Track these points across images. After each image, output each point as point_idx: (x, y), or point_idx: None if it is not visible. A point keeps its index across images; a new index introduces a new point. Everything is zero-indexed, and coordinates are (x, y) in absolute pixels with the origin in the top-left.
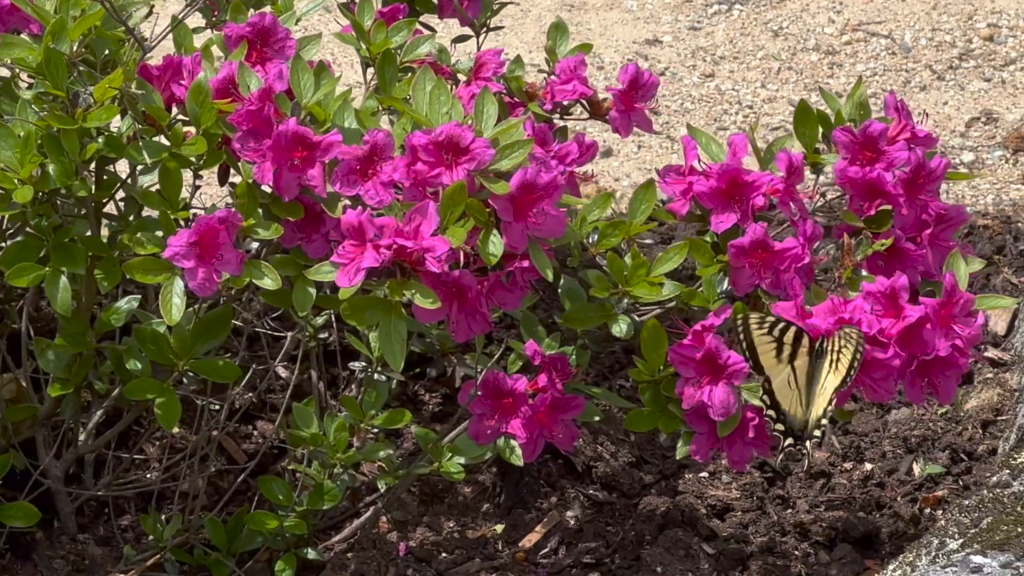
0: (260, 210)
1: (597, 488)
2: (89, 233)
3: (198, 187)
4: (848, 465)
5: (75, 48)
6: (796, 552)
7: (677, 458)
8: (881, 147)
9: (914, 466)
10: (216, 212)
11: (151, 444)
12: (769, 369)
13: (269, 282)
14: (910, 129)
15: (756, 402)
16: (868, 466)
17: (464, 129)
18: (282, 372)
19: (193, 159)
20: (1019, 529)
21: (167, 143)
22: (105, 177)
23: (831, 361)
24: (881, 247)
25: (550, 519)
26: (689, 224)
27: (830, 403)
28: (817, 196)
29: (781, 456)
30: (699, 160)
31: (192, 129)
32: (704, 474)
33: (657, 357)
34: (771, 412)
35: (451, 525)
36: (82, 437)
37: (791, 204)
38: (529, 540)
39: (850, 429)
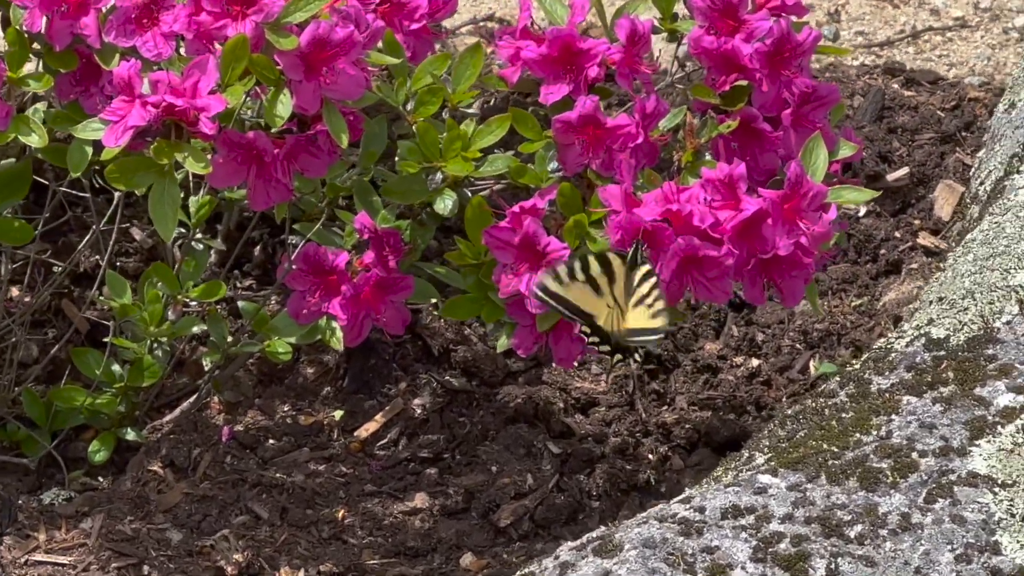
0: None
1: (456, 374)
2: None
3: None
4: (740, 359)
5: None
6: (650, 456)
7: (498, 351)
8: (742, 15)
9: (811, 364)
10: None
11: None
12: (598, 310)
13: (36, 139)
14: None
15: None
16: (755, 362)
17: None
18: (137, 234)
19: None
20: (824, 445)
21: None
22: None
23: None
24: (728, 128)
25: (393, 407)
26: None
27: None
28: (675, 68)
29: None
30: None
31: None
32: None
33: (482, 239)
34: (594, 338)
35: (285, 409)
36: None
37: (631, 76)
38: (367, 429)
39: (754, 320)
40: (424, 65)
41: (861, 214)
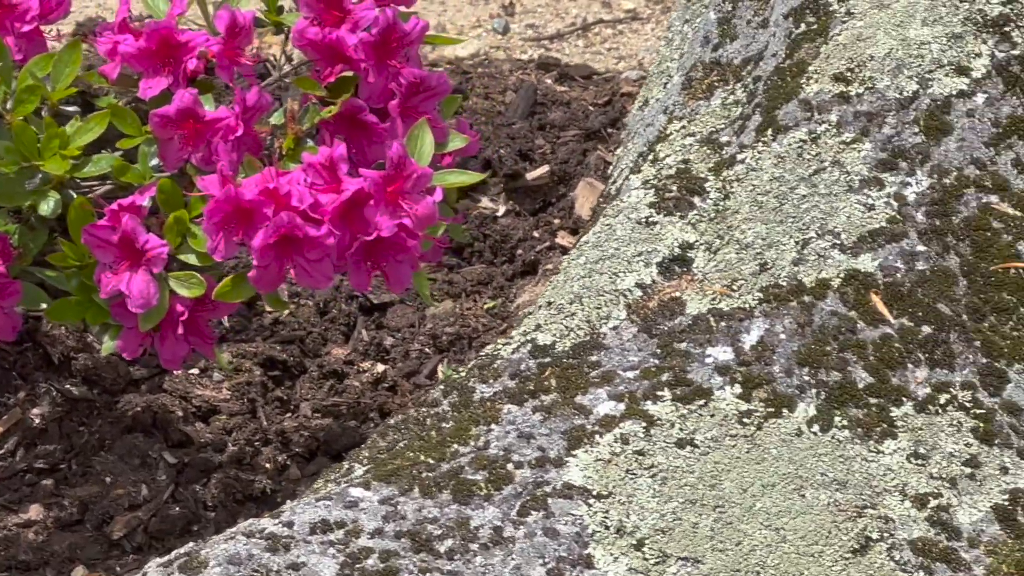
0: None
1: (76, 383)
2: None
3: None
4: (367, 364)
5: None
6: (268, 465)
7: (103, 354)
8: (347, 6)
9: (439, 368)
10: None
11: None
12: None
13: None
14: None
15: (186, 292)
16: (382, 367)
17: None
18: None
19: None
20: (421, 456)
21: None
22: None
23: None
24: (329, 114)
25: (11, 416)
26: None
27: None
28: (282, 60)
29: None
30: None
31: None
32: (195, 371)
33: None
34: None
35: None
36: None
37: (232, 68)
38: None
39: (384, 323)
40: (28, 66)
41: (500, 214)
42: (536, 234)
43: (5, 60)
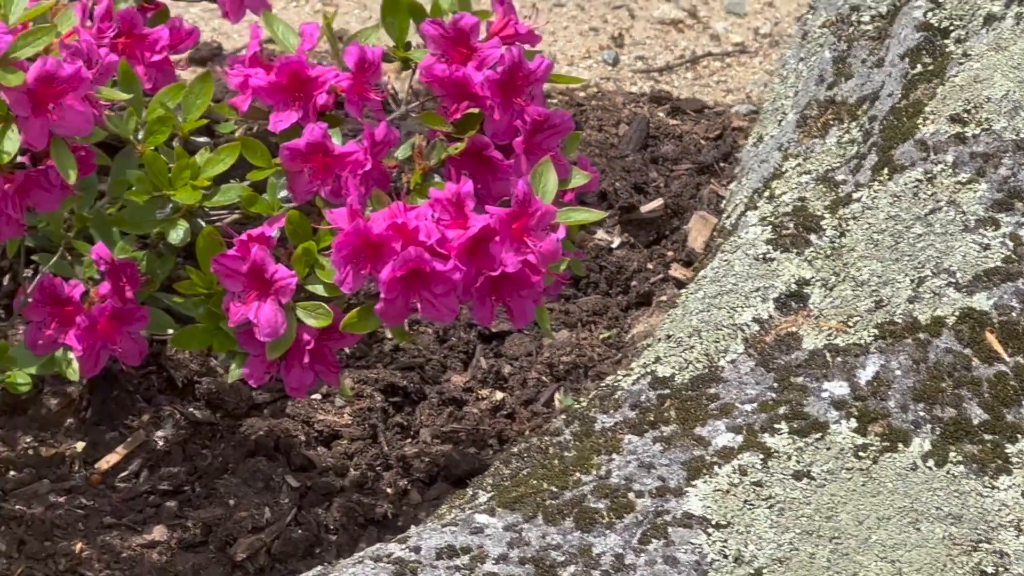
0: None
1: (200, 406)
2: None
3: None
4: (485, 392)
5: None
6: (389, 490)
7: (229, 381)
8: (473, 43)
9: (556, 397)
10: None
11: None
12: None
13: None
14: (513, 25)
15: (313, 322)
16: (500, 395)
17: None
18: None
19: None
20: (544, 484)
21: None
22: None
23: None
24: (456, 150)
25: (135, 439)
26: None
27: None
28: (409, 96)
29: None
30: (261, 51)
31: None
32: (317, 396)
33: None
34: None
35: (28, 440)
36: None
37: (361, 104)
38: (108, 461)
39: (502, 352)
40: (159, 96)
41: (615, 245)
42: (650, 266)
43: (136, 90)
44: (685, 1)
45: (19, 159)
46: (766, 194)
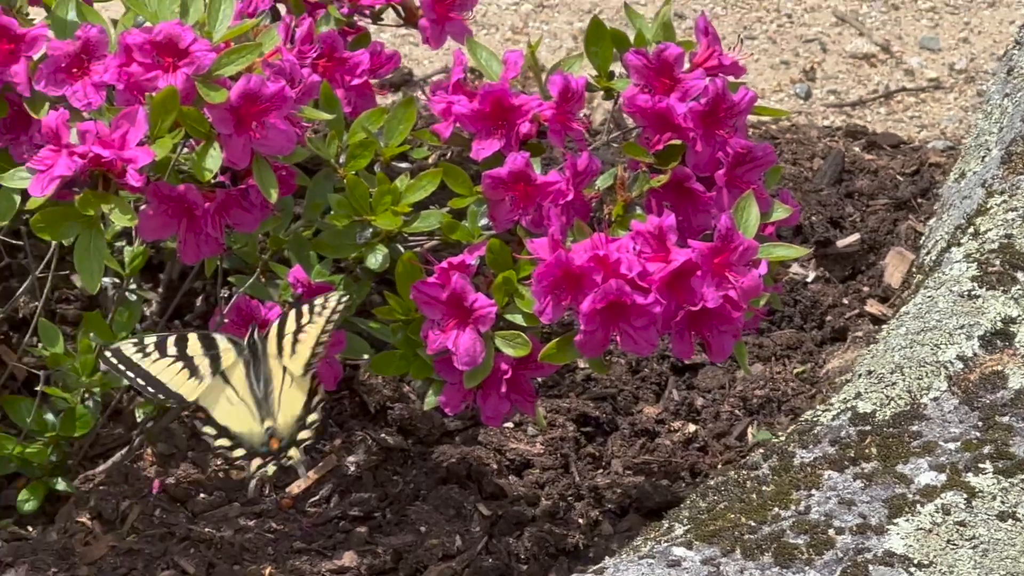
0: None
1: (392, 432)
2: None
3: None
4: (678, 424)
5: None
6: (581, 520)
7: (425, 408)
8: (677, 74)
9: (749, 431)
10: None
11: None
12: (196, 395)
13: None
14: (717, 56)
15: (512, 352)
16: (693, 427)
17: (184, 29)
18: (78, 281)
19: None
20: (742, 519)
21: None
22: None
23: (281, 349)
24: (659, 182)
25: (326, 463)
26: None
27: (312, 396)
28: (610, 125)
29: (255, 482)
30: (464, 78)
31: None
32: (509, 424)
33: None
34: (223, 441)
35: (218, 463)
36: None
37: (564, 133)
38: (298, 485)
39: (695, 384)
40: (359, 120)
41: (809, 279)
42: (845, 301)
43: (338, 113)
44: (878, 35)
45: (219, 177)
46: (970, 231)
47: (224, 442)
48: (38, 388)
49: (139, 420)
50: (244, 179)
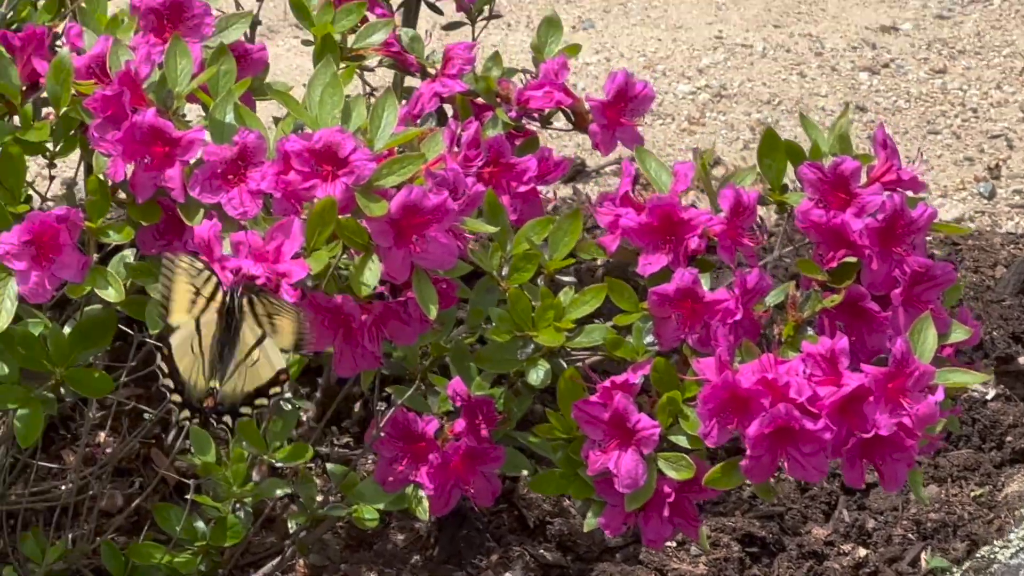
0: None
1: (550, 548)
2: None
3: (52, 178)
4: (848, 547)
5: None
6: None
7: (585, 530)
8: (853, 189)
9: (922, 556)
10: (55, 209)
11: (73, 451)
12: (178, 320)
13: (112, 293)
14: (895, 170)
15: (675, 475)
16: (864, 551)
17: (345, 136)
18: None
19: (48, 146)
20: None
21: (16, 125)
22: None
23: (255, 327)
24: (832, 303)
25: None
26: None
27: (272, 384)
28: (782, 240)
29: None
30: (633, 189)
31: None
32: (671, 543)
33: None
34: (168, 381)
35: None
36: None
37: (734, 249)
38: None
39: (866, 504)
40: (524, 230)
41: (989, 397)
42: None
43: (503, 223)
44: None
45: (377, 288)
46: None
47: (169, 383)
48: (188, 496)
49: (291, 530)
50: (403, 291)
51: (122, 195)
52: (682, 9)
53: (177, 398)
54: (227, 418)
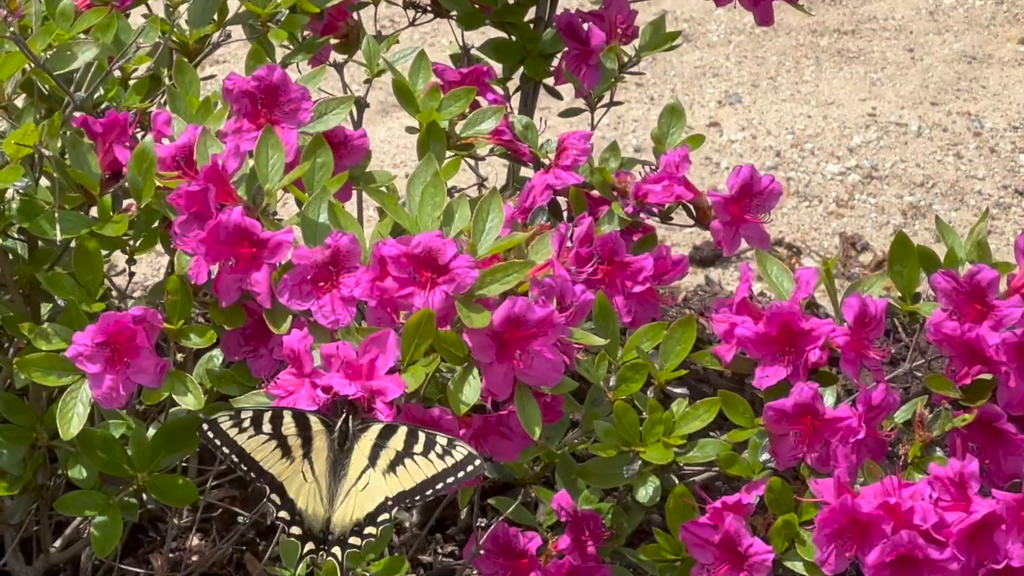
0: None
1: None
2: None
3: (132, 274)
4: None
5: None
6: None
7: None
8: (991, 300)
9: None
10: (131, 309)
11: (161, 555)
12: (284, 475)
13: (192, 400)
14: None
15: None
16: None
17: (446, 242)
18: None
19: (128, 240)
20: None
21: (94, 217)
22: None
23: (375, 457)
24: (962, 422)
25: None
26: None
27: (380, 511)
28: (913, 353)
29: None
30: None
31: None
32: None
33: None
34: (284, 514)
35: None
36: (57, 543)
37: (858, 362)
38: None
39: None
40: (634, 337)
41: None
42: None
43: (613, 329)
44: None
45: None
46: None
47: (284, 515)
48: None
49: None
50: (506, 402)
51: (206, 295)
52: (834, 84)
53: (297, 530)
54: (336, 549)
